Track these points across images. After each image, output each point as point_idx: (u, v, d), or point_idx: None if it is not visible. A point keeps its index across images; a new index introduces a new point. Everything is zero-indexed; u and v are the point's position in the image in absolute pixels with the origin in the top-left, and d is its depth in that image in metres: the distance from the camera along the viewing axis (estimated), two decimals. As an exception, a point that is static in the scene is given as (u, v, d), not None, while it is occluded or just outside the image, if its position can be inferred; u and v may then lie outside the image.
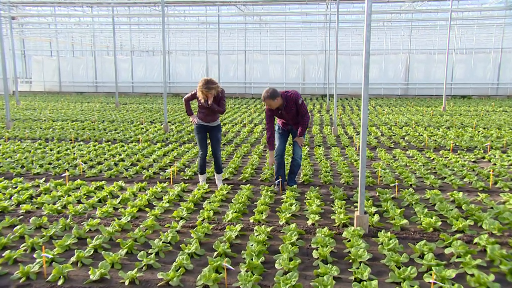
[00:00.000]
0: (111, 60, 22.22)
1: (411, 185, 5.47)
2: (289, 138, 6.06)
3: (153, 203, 4.77)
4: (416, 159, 7.02)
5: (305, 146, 8.24)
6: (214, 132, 5.30)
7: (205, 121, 5.22)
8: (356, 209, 4.43)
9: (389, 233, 3.67)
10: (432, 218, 4.02)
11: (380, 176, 5.81)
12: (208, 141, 5.45)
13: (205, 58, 22.26)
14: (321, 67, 21.31)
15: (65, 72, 23.76)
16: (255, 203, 4.77)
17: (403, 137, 9.25)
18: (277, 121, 5.30)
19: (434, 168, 6.34)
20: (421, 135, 9.34)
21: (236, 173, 6.23)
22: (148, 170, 6.29)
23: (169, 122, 11.85)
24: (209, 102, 5.00)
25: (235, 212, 4.33)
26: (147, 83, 22.83)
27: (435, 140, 8.71)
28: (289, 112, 4.96)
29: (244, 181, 5.79)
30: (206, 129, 5.29)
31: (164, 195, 5.05)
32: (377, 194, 5.01)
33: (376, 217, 4.05)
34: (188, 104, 5.44)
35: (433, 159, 7.00)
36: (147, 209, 4.55)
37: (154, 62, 22.97)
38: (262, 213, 4.30)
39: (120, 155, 7.47)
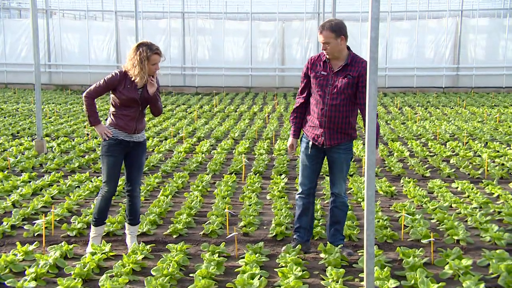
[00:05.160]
0: None
1: (457, 241, 5.57)
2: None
3: (5, 282, 4.63)
4: (468, 196, 7.17)
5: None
6: (137, 153, 5.39)
7: (129, 131, 5.27)
8: (362, 283, 4.48)
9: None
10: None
11: (406, 227, 5.89)
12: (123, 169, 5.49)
13: (114, 25, 22.24)
14: (312, 41, 21.66)
15: None
16: (191, 274, 4.76)
17: (447, 160, 9.49)
18: (307, 127, 5.35)
19: (499, 213, 6.48)
20: (479, 156, 9.61)
21: (161, 224, 6.22)
22: (1, 223, 6.15)
23: (46, 136, 11.68)
24: (148, 89, 5.18)
25: (155, 292, 4.31)
26: (7, 65, 22.58)
27: (502, 164, 8.97)
28: (342, 84, 5.12)
29: (175, 236, 5.79)
30: (126, 148, 5.33)
31: (30, 266, 4.93)
32: (400, 257, 5.09)
33: (396, 297, 4.12)
34: (94, 105, 5.39)
35: (498, 196, 7.18)
36: (-5, 293, 4.43)
37: (20, 29, 22.80)
38: (202, 294, 4.30)
39: (-47, 195, 7.27)
